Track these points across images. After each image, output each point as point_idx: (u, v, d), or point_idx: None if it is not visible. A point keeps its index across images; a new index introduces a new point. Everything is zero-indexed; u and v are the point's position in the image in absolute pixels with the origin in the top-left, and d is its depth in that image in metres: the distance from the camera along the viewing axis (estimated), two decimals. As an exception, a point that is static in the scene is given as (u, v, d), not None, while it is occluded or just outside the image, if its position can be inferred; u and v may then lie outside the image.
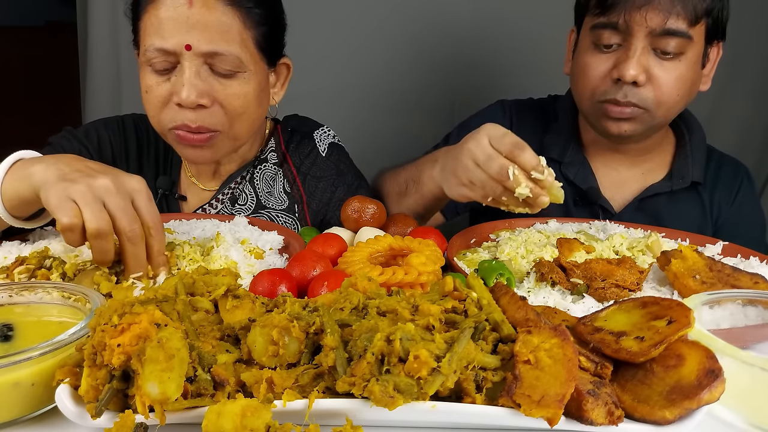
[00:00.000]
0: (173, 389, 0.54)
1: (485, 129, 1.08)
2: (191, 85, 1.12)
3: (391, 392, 0.55)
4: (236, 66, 1.16)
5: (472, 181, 1.08)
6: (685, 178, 1.43)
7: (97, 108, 2.26)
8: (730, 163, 1.53)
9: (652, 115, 1.31)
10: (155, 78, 1.16)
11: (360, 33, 2.21)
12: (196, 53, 1.12)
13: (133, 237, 0.86)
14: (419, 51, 2.25)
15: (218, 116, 1.18)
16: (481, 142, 1.06)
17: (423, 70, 2.27)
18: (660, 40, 1.23)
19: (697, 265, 0.93)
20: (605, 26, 1.27)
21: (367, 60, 2.23)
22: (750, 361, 0.65)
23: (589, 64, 1.32)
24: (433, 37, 2.24)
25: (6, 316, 0.72)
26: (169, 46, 1.12)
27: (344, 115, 2.03)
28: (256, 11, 1.19)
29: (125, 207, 0.85)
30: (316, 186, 1.37)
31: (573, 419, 0.58)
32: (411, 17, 2.22)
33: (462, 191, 1.12)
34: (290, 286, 0.86)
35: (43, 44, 3.92)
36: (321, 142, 1.42)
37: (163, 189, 1.36)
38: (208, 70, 1.15)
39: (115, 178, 0.86)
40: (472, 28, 2.23)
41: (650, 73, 1.26)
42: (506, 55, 2.20)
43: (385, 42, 2.22)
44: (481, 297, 0.69)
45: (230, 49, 1.15)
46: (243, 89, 1.19)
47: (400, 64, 2.25)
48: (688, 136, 1.47)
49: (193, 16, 1.11)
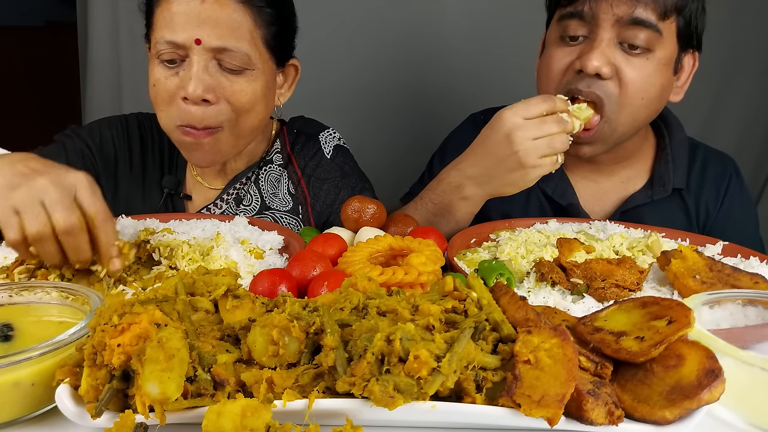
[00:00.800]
0: (173, 389, 0.54)
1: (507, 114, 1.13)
2: (198, 80, 1.13)
3: (391, 392, 0.55)
4: (245, 63, 1.17)
5: (543, 154, 1.12)
6: (666, 185, 1.38)
7: (98, 108, 2.27)
8: (716, 160, 1.46)
9: (612, 127, 1.25)
10: (164, 72, 1.17)
11: (361, 35, 2.21)
12: (205, 48, 1.13)
13: (67, 228, 0.82)
14: (419, 52, 2.26)
15: (224, 113, 1.18)
16: (518, 122, 1.11)
17: (422, 71, 2.27)
18: (627, 30, 1.18)
19: (697, 265, 0.93)
20: (571, 15, 1.22)
21: (367, 61, 2.23)
22: (750, 361, 0.65)
23: (552, 56, 1.28)
24: (433, 39, 2.24)
25: (6, 316, 0.72)
26: (180, 39, 1.13)
27: (343, 116, 2.03)
28: (268, 10, 1.20)
29: (61, 200, 0.83)
30: (321, 188, 1.37)
31: (573, 419, 0.58)
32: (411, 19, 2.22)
33: (538, 172, 1.15)
34: (290, 286, 0.86)
35: (44, 44, 3.92)
36: (326, 144, 1.42)
37: (168, 188, 1.37)
38: (217, 66, 1.16)
39: (55, 175, 0.84)
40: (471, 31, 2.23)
41: (616, 68, 1.21)
42: (507, 56, 2.20)
43: (385, 44, 2.23)
44: (481, 297, 0.69)
45: (239, 45, 1.16)
46: (250, 86, 1.19)
47: (400, 66, 2.25)
48: (668, 137, 1.41)
49: (204, 11, 1.12)
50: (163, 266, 0.97)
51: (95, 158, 1.37)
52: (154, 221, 1.19)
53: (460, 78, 2.25)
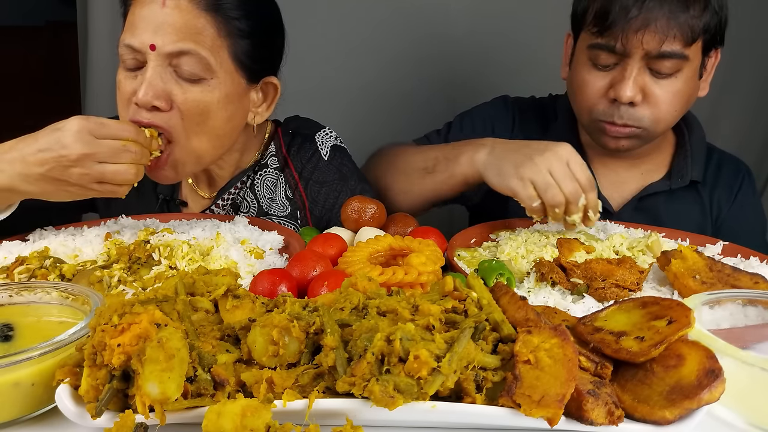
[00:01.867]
0: (173, 389, 0.54)
1: (567, 148, 1.13)
2: (149, 85, 1.08)
3: (391, 392, 0.55)
4: (201, 70, 1.11)
5: (534, 181, 1.10)
6: (684, 177, 1.43)
7: (97, 108, 2.26)
8: (730, 161, 1.52)
9: (649, 132, 1.32)
10: (124, 74, 1.13)
11: (358, 33, 2.20)
12: (160, 54, 1.09)
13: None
14: (418, 51, 2.25)
15: (174, 120, 1.12)
16: (562, 158, 1.11)
17: (421, 70, 2.26)
18: (655, 62, 1.24)
19: (697, 265, 0.93)
20: (602, 47, 1.27)
21: (365, 60, 2.22)
22: (750, 361, 0.65)
23: (586, 82, 1.33)
24: (433, 37, 2.24)
25: (6, 316, 0.72)
26: (136, 44, 1.09)
27: (341, 115, 2.03)
28: (238, 23, 1.15)
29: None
30: (319, 191, 1.34)
31: (573, 419, 0.58)
32: (410, 18, 2.22)
33: (513, 185, 1.12)
34: (290, 286, 0.86)
35: (44, 44, 3.92)
36: (323, 145, 1.38)
37: (163, 195, 1.35)
38: (173, 73, 1.11)
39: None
40: (471, 29, 2.23)
41: (646, 92, 1.27)
42: (507, 55, 2.20)
43: (383, 42, 2.22)
44: (481, 297, 0.69)
45: (197, 49, 1.10)
46: (205, 96, 1.13)
47: (398, 64, 2.24)
48: (687, 134, 1.46)
49: (163, 15, 1.08)
50: (163, 266, 0.97)
51: None
52: (154, 221, 1.19)
53: (463, 77, 2.25)
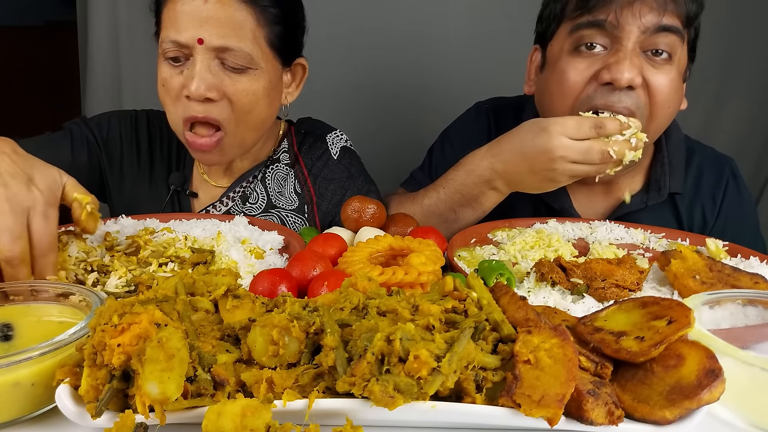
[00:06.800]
0: (173, 389, 0.54)
1: (555, 129, 1.09)
2: (200, 78, 1.15)
3: (391, 392, 0.55)
4: (247, 62, 1.18)
5: (576, 175, 1.12)
6: (662, 190, 1.35)
7: (97, 108, 2.27)
8: (713, 164, 1.42)
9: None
10: (170, 71, 1.19)
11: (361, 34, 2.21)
12: (207, 47, 1.15)
13: (7, 258, 0.79)
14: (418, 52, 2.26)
15: (226, 111, 1.20)
16: (563, 143, 1.08)
17: (422, 70, 2.27)
18: (653, 38, 1.15)
19: (697, 265, 0.93)
20: (590, 25, 1.16)
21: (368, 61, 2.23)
22: (750, 361, 0.65)
23: (569, 70, 1.20)
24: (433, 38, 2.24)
25: (6, 316, 0.72)
26: (183, 39, 1.15)
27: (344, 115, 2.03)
28: (272, 10, 1.22)
29: (10, 227, 0.79)
30: (327, 188, 1.39)
31: (573, 419, 0.58)
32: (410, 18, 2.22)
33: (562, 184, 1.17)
34: (290, 286, 0.86)
35: (44, 44, 3.92)
36: (333, 145, 1.43)
37: (174, 185, 1.39)
38: (219, 65, 1.18)
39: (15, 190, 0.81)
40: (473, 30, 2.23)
41: (643, 77, 1.16)
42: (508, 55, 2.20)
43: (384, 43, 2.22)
44: (481, 297, 0.69)
45: (241, 45, 1.17)
46: (252, 86, 1.21)
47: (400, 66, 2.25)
48: (664, 138, 1.37)
49: (207, 11, 1.14)
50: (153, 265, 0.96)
51: (100, 149, 1.40)
52: (154, 221, 1.19)
53: (462, 77, 2.25)
